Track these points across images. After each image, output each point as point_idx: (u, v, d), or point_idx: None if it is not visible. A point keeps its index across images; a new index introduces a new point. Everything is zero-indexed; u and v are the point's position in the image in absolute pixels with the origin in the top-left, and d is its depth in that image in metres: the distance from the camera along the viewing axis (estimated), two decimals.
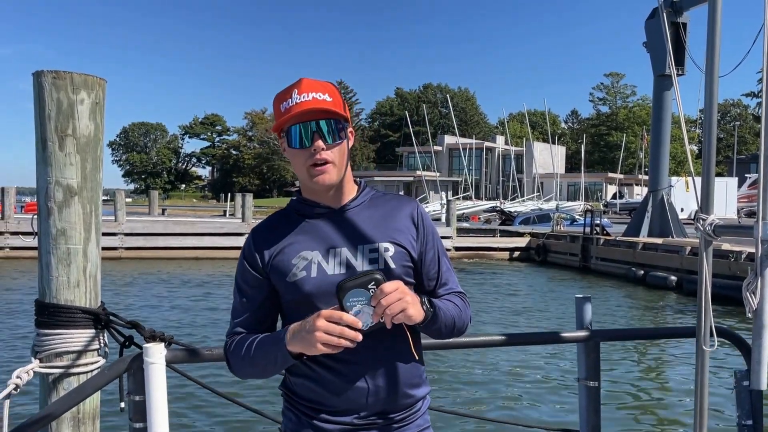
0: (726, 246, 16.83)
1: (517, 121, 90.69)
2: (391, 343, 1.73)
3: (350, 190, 1.84)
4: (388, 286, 1.57)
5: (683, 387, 9.09)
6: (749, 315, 2.02)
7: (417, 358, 1.78)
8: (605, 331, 3.53)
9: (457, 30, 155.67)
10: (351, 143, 1.82)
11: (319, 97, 1.69)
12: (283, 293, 1.76)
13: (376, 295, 1.57)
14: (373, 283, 1.57)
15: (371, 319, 1.57)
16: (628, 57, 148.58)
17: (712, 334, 1.98)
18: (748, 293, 1.98)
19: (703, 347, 1.99)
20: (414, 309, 1.61)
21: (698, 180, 2.79)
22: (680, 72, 21.59)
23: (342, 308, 1.57)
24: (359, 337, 1.55)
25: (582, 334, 2.80)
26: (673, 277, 18.74)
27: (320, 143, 1.69)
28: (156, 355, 2.01)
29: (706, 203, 1.97)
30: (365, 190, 1.87)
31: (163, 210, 45.64)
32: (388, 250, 1.75)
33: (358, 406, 1.73)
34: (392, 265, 1.74)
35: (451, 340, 2.96)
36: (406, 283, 1.77)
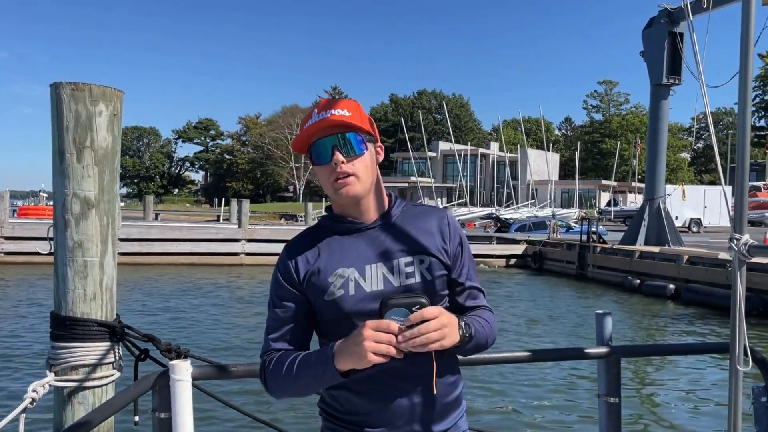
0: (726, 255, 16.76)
1: (511, 128, 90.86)
2: (431, 359, 1.71)
3: (381, 205, 1.84)
4: (430, 311, 1.57)
5: (704, 403, 8.82)
6: None
7: (435, 392, 1.72)
8: (626, 347, 3.51)
9: (452, 36, 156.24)
10: (380, 158, 1.84)
11: (338, 112, 1.73)
12: (320, 312, 1.75)
13: (415, 315, 1.55)
14: (417, 306, 1.57)
15: None
16: (621, 65, 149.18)
17: (745, 353, 1.96)
18: None
19: (737, 366, 1.97)
20: (449, 339, 1.61)
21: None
22: (677, 81, 21.79)
23: None
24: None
25: (602, 350, 2.77)
26: (671, 286, 18.74)
27: (339, 156, 1.71)
28: (182, 372, 1.98)
29: (740, 223, 1.95)
30: (396, 203, 1.87)
31: (157, 215, 45.38)
32: (423, 262, 1.76)
33: (400, 420, 1.71)
34: (428, 277, 1.75)
35: (472, 357, 2.92)
36: (442, 296, 1.79)
